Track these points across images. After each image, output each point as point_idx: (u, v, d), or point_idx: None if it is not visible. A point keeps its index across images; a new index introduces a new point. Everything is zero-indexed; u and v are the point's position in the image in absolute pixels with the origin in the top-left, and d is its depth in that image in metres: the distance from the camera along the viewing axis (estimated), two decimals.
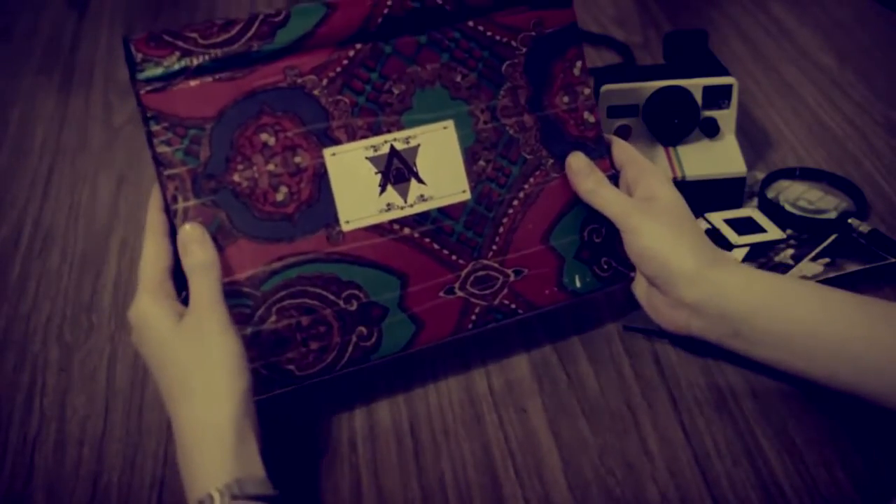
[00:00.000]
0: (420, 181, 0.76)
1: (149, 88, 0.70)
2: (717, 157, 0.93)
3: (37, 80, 1.19)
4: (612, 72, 1.11)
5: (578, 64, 0.81)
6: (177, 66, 0.70)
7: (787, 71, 1.16)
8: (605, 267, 0.80)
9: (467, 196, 0.77)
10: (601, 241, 0.80)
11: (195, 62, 0.70)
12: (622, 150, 0.81)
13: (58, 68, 1.21)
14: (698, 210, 0.93)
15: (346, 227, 0.73)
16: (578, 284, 0.79)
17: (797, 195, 0.95)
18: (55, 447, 0.74)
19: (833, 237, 0.89)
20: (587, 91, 0.81)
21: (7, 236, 0.95)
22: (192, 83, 0.71)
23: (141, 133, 1.10)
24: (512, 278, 0.77)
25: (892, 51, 1.21)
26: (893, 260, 0.86)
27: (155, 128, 0.70)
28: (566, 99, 0.80)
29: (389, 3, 0.75)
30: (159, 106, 0.70)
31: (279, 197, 0.72)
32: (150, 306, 0.67)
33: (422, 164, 0.76)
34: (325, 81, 0.74)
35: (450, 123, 0.77)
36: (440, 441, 0.73)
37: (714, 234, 0.90)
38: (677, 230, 0.75)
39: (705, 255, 0.74)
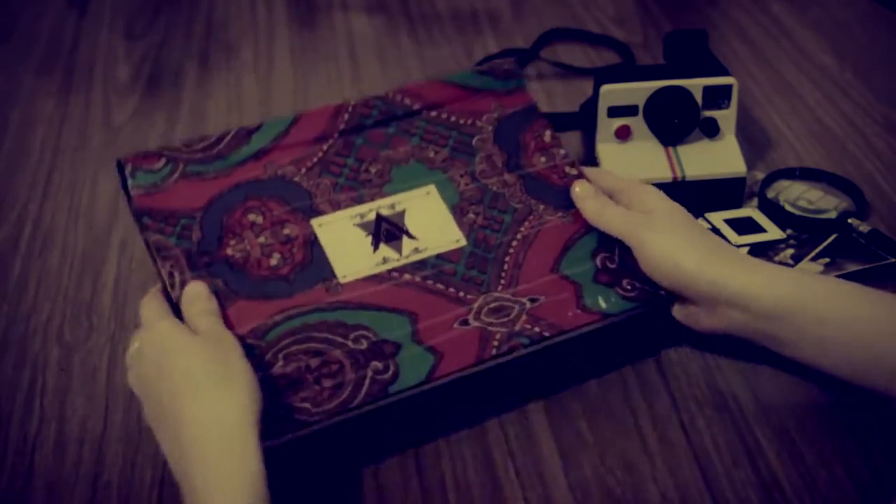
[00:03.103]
0: (412, 237, 0.77)
1: (140, 192, 0.75)
2: (717, 157, 0.93)
3: (37, 81, 1.19)
4: (612, 72, 1.11)
5: (547, 132, 0.83)
6: (165, 171, 0.75)
7: (787, 71, 1.16)
8: (629, 287, 0.77)
9: (463, 243, 0.77)
10: (616, 266, 0.78)
11: (180, 166, 0.76)
12: (603, 178, 0.81)
13: (58, 68, 1.21)
14: (698, 210, 0.93)
15: (343, 280, 0.74)
16: (604, 305, 0.76)
17: (797, 195, 0.95)
18: (55, 447, 0.74)
19: (833, 237, 0.89)
20: (562, 151, 0.83)
21: (7, 236, 0.95)
22: (180, 183, 0.75)
23: (141, 133, 1.10)
24: (528, 305, 0.75)
25: (892, 51, 1.21)
26: (893, 260, 0.86)
27: (147, 222, 0.73)
28: (543, 159, 0.82)
29: (350, 108, 0.81)
30: (150, 204, 0.74)
31: (273, 262, 0.74)
32: (173, 324, 0.68)
33: (411, 224, 0.77)
34: (303, 170, 0.78)
35: (431, 188, 0.79)
36: (440, 442, 0.73)
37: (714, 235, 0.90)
38: (683, 236, 0.75)
39: (720, 255, 0.74)
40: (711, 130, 0.94)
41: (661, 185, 0.92)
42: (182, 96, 1.14)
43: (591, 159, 0.97)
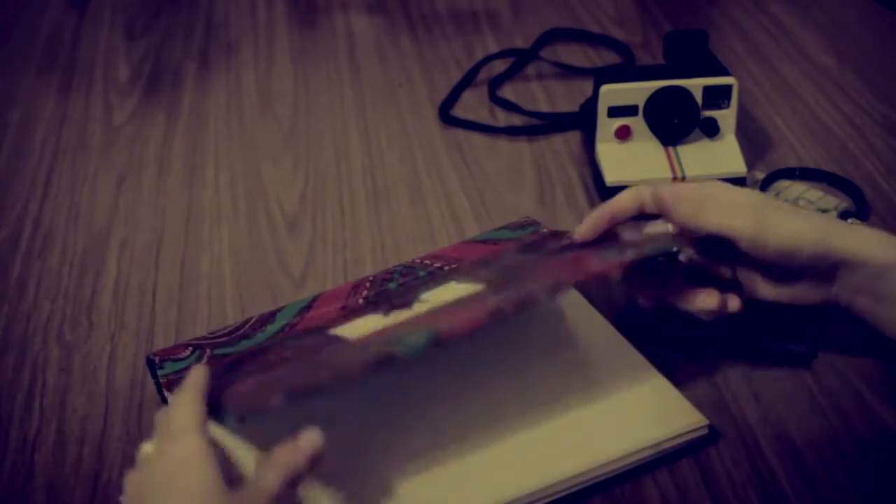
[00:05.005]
0: (425, 302, 0.73)
1: (169, 378, 0.74)
2: (717, 157, 0.93)
3: (37, 80, 1.19)
4: (612, 72, 1.11)
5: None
6: (192, 358, 0.75)
7: (787, 71, 1.16)
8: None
9: (481, 287, 0.72)
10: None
11: (207, 351, 0.76)
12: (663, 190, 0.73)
13: (58, 68, 1.21)
14: None
15: (351, 336, 0.71)
16: (631, 255, 0.70)
17: (797, 195, 0.95)
18: (55, 447, 0.74)
19: None
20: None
21: (7, 236, 0.95)
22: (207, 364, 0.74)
23: (141, 133, 1.10)
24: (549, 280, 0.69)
25: (892, 51, 1.21)
26: None
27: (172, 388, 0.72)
28: (568, 242, 0.76)
29: (371, 279, 0.80)
30: (177, 382, 0.71)
31: (286, 354, 0.70)
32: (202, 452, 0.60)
33: (428, 300, 0.73)
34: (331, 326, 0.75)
35: (454, 286, 0.75)
36: None
37: None
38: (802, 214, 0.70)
39: (822, 219, 0.70)
40: (711, 130, 0.94)
41: None
42: (182, 96, 1.14)
43: (591, 159, 0.97)
